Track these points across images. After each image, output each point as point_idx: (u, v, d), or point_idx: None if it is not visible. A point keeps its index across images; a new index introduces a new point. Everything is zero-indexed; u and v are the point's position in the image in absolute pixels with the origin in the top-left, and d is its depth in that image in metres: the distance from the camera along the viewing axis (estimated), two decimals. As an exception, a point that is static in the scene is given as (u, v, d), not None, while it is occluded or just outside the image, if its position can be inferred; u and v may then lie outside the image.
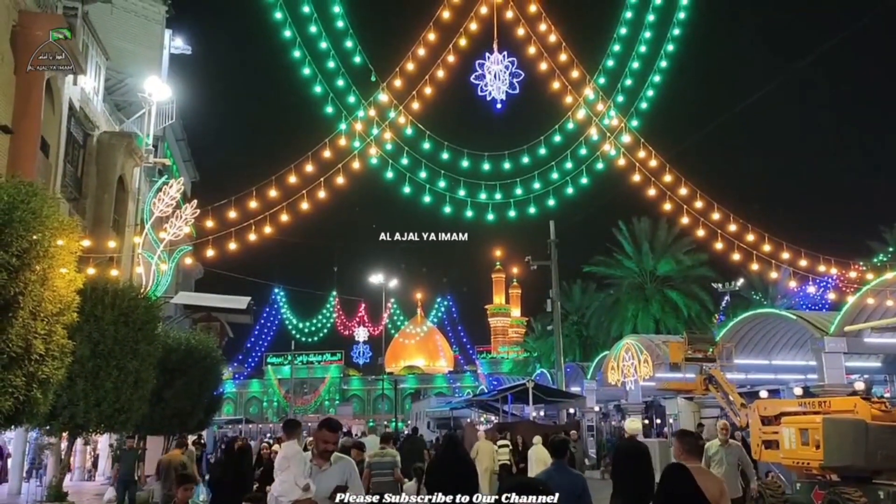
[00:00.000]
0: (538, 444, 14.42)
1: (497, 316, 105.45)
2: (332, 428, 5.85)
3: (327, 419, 6.04)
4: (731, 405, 18.18)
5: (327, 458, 5.75)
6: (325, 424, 5.88)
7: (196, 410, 21.27)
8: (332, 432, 5.82)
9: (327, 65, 16.04)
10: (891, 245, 41.95)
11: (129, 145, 21.91)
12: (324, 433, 5.80)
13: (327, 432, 5.79)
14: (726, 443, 10.67)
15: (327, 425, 5.86)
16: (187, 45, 29.60)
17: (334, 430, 5.87)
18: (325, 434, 5.79)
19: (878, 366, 26.87)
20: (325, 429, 5.83)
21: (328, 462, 5.74)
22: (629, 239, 45.89)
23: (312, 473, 5.69)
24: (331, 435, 5.80)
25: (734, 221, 17.98)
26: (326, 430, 5.80)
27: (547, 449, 8.27)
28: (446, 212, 17.46)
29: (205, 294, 25.18)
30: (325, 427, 5.84)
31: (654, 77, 18.20)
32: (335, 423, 5.98)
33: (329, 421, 5.97)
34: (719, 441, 10.71)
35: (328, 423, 5.90)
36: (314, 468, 5.71)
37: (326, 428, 5.83)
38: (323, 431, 5.82)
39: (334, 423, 5.95)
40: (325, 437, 5.79)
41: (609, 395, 34.74)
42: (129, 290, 14.97)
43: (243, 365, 79.17)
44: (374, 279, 51.99)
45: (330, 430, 5.83)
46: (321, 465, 5.73)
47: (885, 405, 13.95)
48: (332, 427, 5.87)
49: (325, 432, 5.80)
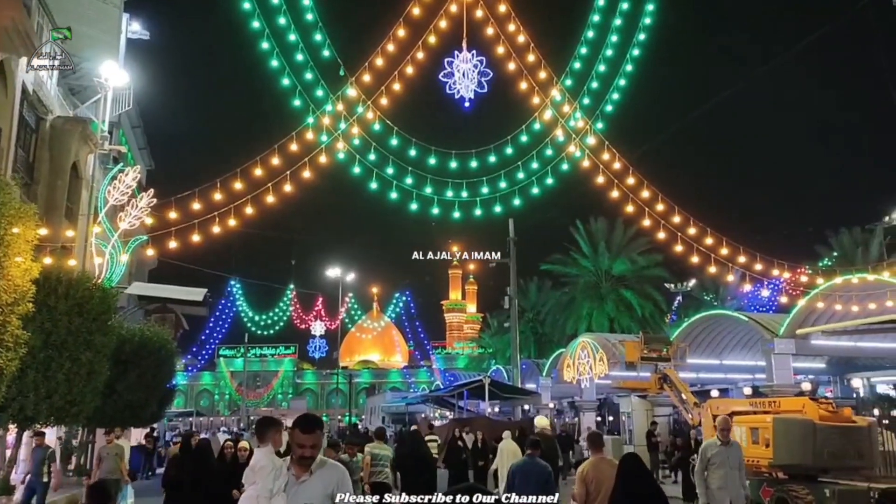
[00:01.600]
0: (508, 438, 15.13)
1: (453, 312, 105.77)
2: (305, 427, 4.50)
3: (301, 416, 4.65)
4: (685, 404, 18.60)
5: (305, 466, 4.50)
6: (296, 423, 4.59)
7: (149, 403, 20.96)
8: (306, 433, 4.48)
9: (296, 57, 15.89)
10: (836, 250, 43.25)
11: (83, 131, 21.36)
12: (295, 435, 4.54)
13: (299, 434, 4.50)
14: (727, 443, 9.06)
15: (299, 424, 4.54)
16: (145, 31, 28.95)
17: (309, 429, 4.50)
18: (297, 436, 4.51)
19: (822, 367, 27.77)
20: (296, 429, 4.55)
21: (307, 471, 4.51)
22: (586, 238, 46.45)
23: (288, 487, 4.57)
24: (305, 437, 4.47)
25: (693, 225, 18.39)
26: (298, 431, 4.51)
27: (526, 445, 9.17)
28: (413, 208, 17.49)
29: (160, 285, 24.71)
30: (297, 427, 4.54)
31: (620, 80, 18.49)
32: (310, 420, 4.59)
33: (303, 419, 4.61)
34: (718, 440, 9.10)
35: (300, 422, 4.57)
36: (292, 479, 4.56)
37: (298, 428, 4.52)
38: (295, 433, 4.56)
39: (309, 421, 4.56)
40: (297, 439, 4.52)
41: (564, 392, 35.19)
42: (83, 280, 14.65)
43: (197, 357, 77.99)
44: (332, 273, 51.61)
45: (303, 430, 4.50)
46: (298, 475, 4.52)
47: (832, 406, 14.44)
48: (305, 426, 4.51)
49: (297, 434, 4.52)
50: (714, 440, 9.22)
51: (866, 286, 18.48)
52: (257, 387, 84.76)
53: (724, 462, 8.85)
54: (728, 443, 9.07)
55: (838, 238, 43.74)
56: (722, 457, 8.88)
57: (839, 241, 43.54)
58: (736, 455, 9.08)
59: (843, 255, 41.59)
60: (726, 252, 18.56)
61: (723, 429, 9.15)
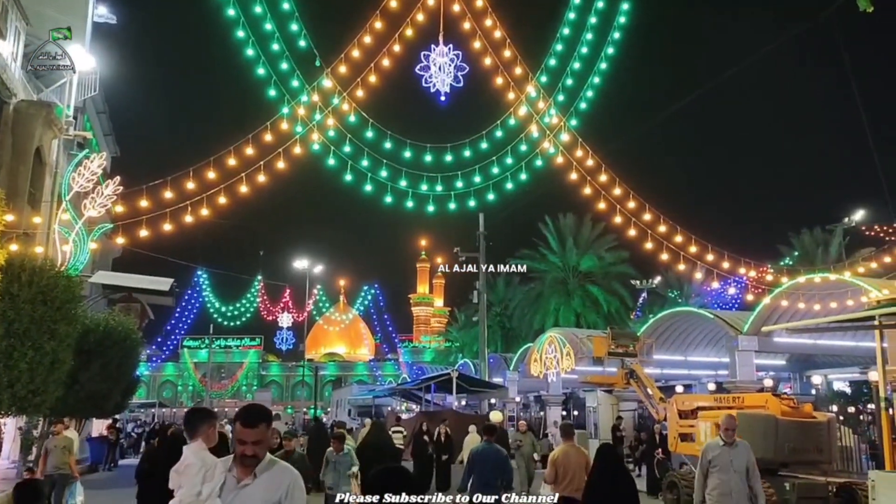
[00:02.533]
0: (473, 431, 15.44)
1: (420, 305, 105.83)
2: (247, 420, 3.74)
3: (244, 408, 3.91)
4: (651, 399, 18.86)
5: (248, 467, 3.74)
6: (238, 416, 3.83)
7: (113, 393, 20.65)
8: (248, 427, 3.72)
9: (271, 47, 15.72)
10: (797, 249, 44.16)
11: (48, 115, 20.87)
12: (237, 429, 3.79)
13: (240, 428, 3.75)
14: (731, 443, 7.82)
15: (241, 417, 3.79)
16: (112, 15, 28.36)
17: (252, 423, 3.73)
18: (239, 431, 3.76)
19: (783, 364, 28.37)
20: (237, 422, 3.79)
21: (251, 474, 3.74)
22: (554, 234, 46.77)
23: (225, 491, 3.79)
24: (247, 432, 3.72)
25: (663, 223, 18.64)
26: (239, 425, 3.76)
27: (482, 431, 10.41)
28: (387, 201, 17.45)
29: (126, 274, 24.28)
30: (239, 420, 3.78)
31: (594, 78, 18.64)
32: (254, 412, 3.83)
33: (245, 411, 3.85)
34: (721, 440, 7.88)
35: (242, 414, 3.82)
36: (231, 482, 3.78)
37: (239, 421, 3.77)
38: (236, 427, 3.82)
39: (252, 414, 3.80)
40: (238, 434, 3.77)
41: (530, 386, 35.44)
42: (47, 268, 14.37)
43: (161, 348, 76.94)
44: (299, 265, 51.19)
45: (245, 423, 3.74)
46: (240, 477, 3.75)
47: (794, 402, 14.79)
48: (247, 419, 3.75)
49: (238, 428, 3.77)
50: (716, 440, 8.01)
51: (828, 285, 18.92)
52: (221, 378, 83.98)
53: (727, 465, 7.70)
54: (732, 443, 7.80)
55: (799, 238, 44.68)
56: (724, 459, 7.73)
57: (800, 240, 44.47)
58: (742, 457, 7.77)
59: (803, 255, 42.51)
60: (695, 250, 18.86)
61: (727, 428, 7.90)
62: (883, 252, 23.73)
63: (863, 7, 13.23)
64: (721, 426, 8.04)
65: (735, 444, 7.82)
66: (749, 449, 7.92)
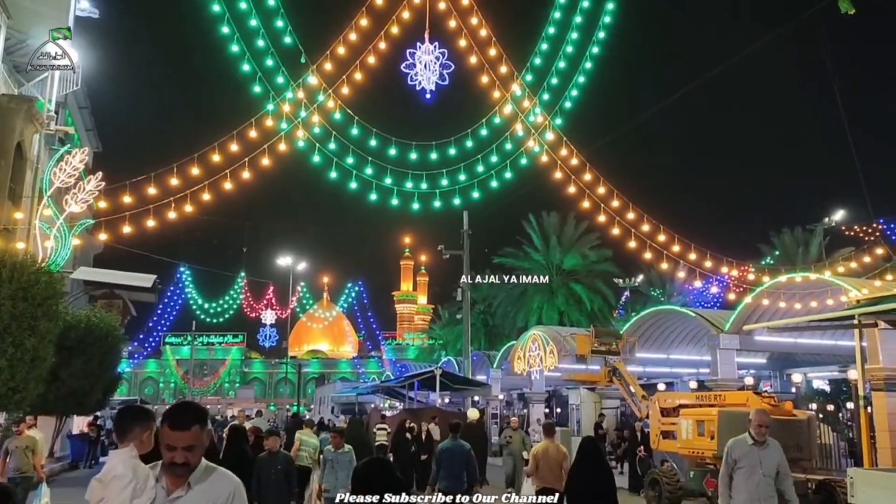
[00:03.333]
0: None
1: (404, 303, 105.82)
2: (177, 422, 3.18)
3: (174, 407, 3.37)
4: (633, 397, 18.99)
5: (179, 477, 3.20)
6: (166, 416, 3.24)
7: (94, 390, 20.54)
8: (177, 430, 3.15)
9: (256, 43, 15.64)
10: (778, 249, 44.61)
11: (28, 109, 20.65)
12: (164, 433, 3.19)
13: (168, 431, 3.16)
14: (762, 443, 6.87)
15: (169, 417, 3.21)
16: (94, 9, 28.06)
17: (183, 424, 3.16)
18: (168, 435, 3.17)
19: (763, 362, 28.65)
20: (166, 425, 3.19)
21: (183, 484, 3.21)
22: (538, 233, 46.94)
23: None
24: (179, 436, 3.15)
25: (647, 222, 18.77)
26: (167, 428, 3.17)
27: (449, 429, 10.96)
28: (372, 199, 17.43)
29: (107, 270, 24.12)
30: (167, 421, 3.19)
31: (579, 77, 18.72)
32: (186, 411, 3.28)
33: (176, 410, 3.29)
34: (750, 438, 6.93)
35: (170, 414, 3.24)
36: (161, 495, 3.26)
37: (168, 423, 3.18)
38: (163, 430, 3.20)
39: (183, 413, 3.25)
40: (166, 438, 3.17)
41: (514, 383, 35.52)
42: (28, 264, 14.23)
43: (143, 345, 76.34)
44: (283, 262, 50.99)
45: (174, 425, 3.17)
46: (170, 489, 3.23)
47: (774, 399, 14.94)
48: (177, 420, 3.19)
49: (166, 431, 3.17)
50: (744, 437, 7.01)
51: (809, 285, 19.13)
52: (204, 375, 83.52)
53: (755, 467, 6.78)
54: (763, 443, 6.87)
55: (780, 237, 45.14)
56: (752, 460, 6.81)
57: (781, 240, 44.93)
58: (772, 458, 6.87)
59: (784, 254, 42.95)
60: (677, 249, 19.01)
61: (759, 424, 6.91)
62: (862, 252, 24.05)
63: (844, 9, 13.38)
64: (752, 422, 7.02)
65: (766, 444, 6.89)
66: (780, 449, 7.03)
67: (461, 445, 10.02)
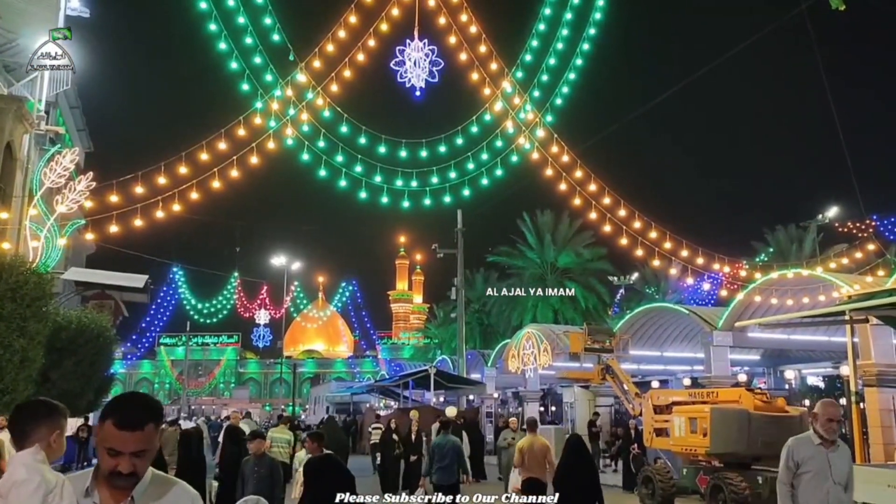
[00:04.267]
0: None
1: (399, 302, 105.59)
2: (125, 420, 2.47)
3: (119, 399, 2.61)
4: (626, 394, 18.94)
5: (122, 491, 2.51)
6: (109, 411, 2.52)
7: (85, 392, 20.38)
8: (129, 430, 2.46)
9: (244, 41, 15.55)
10: (772, 246, 44.69)
11: (18, 110, 20.50)
12: (106, 432, 2.47)
13: (113, 429, 2.45)
14: (832, 443, 5.55)
15: (113, 413, 2.49)
16: (85, 8, 27.91)
17: (133, 424, 2.46)
18: (114, 435, 2.46)
19: (757, 359, 28.66)
20: (107, 421, 2.48)
21: (125, 498, 2.51)
22: (532, 231, 46.92)
23: None
24: (128, 437, 2.45)
25: (638, 219, 18.73)
26: (111, 426, 2.46)
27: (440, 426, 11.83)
28: (362, 197, 17.37)
29: (99, 270, 23.98)
30: (110, 418, 2.48)
31: (570, 74, 18.65)
32: (136, 406, 2.54)
33: (121, 404, 2.57)
34: (818, 438, 5.56)
35: (119, 410, 2.51)
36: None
37: (112, 419, 2.47)
38: (105, 428, 2.48)
39: (133, 409, 2.52)
40: (109, 440, 2.46)
41: (508, 382, 35.49)
42: (17, 265, 14.14)
43: (137, 346, 76.10)
44: (277, 261, 50.88)
45: (121, 424, 2.46)
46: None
47: (767, 396, 14.94)
48: (125, 417, 2.48)
49: (109, 429, 2.46)
50: (807, 436, 5.66)
51: (800, 281, 19.14)
52: (199, 376, 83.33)
53: (825, 472, 5.45)
54: (833, 443, 5.54)
55: (774, 235, 45.22)
56: (821, 463, 5.46)
57: (775, 237, 45.02)
58: (844, 463, 5.57)
59: (778, 251, 43.04)
60: (669, 246, 19.00)
61: (829, 418, 5.52)
62: (854, 248, 24.09)
63: (835, 5, 13.37)
64: (819, 416, 5.56)
65: (837, 445, 5.57)
66: (849, 452, 5.79)
67: (452, 441, 10.96)
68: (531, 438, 10.48)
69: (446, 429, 11.37)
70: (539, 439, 10.50)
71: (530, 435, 10.64)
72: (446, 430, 11.28)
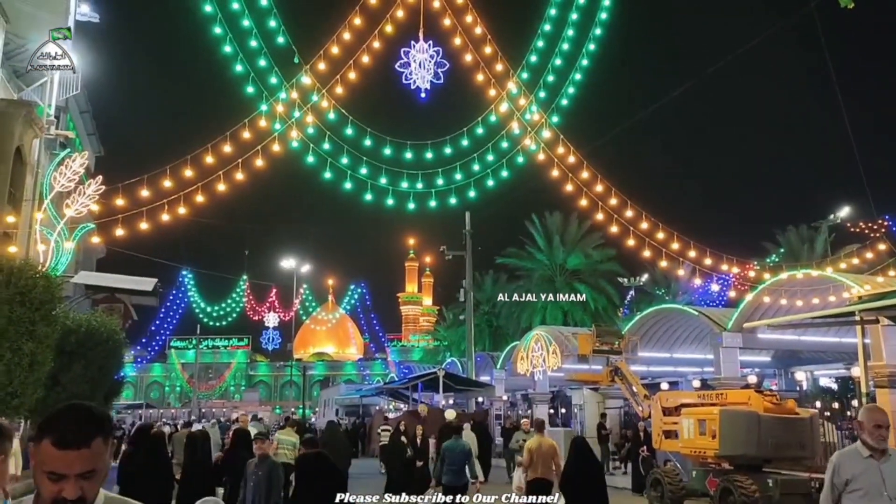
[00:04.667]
0: (467, 428, 16.79)
1: (409, 304, 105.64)
2: (65, 438, 2.08)
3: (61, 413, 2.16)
4: (635, 396, 18.85)
5: None
6: (47, 428, 2.12)
7: (95, 395, 20.43)
8: (74, 449, 2.07)
9: (249, 43, 15.59)
10: (783, 246, 44.37)
11: (28, 114, 20.63)
12: (47, 454, 2.08)
13: (51, 449, 2.07)
14: (883, 453, 4.86)
15: (58, 430, 2.09)
16: (94, 13, 28.08)
17: (79, 440, 2.08)
18: (52, 456, 2.08)
19: (768, 360, 28.46)
20: (45, 440, 2.09)
21: None
22: (541, 232, 46.80)
23: None
24: (70, 457, 2.07)
25: (646, 219, 18.64)
26: (49, 445, 2.08)
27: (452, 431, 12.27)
28: (367, 199, 17.35)
29: (108, 274, 24.09)
30: (53, 436, 2.08)
31: (576, 75, 18.56)
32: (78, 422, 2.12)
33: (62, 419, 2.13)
34: (866, 449, 4.90)
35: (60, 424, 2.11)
36: None
37: (50, 438, 2.08)
38: (43, 448, 2.10)
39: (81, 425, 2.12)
40: (51, 464, 2.08)
41: (517, 384, 35.41)
42: (27, 268, 14.20)
43: (147, 349, 76.48)
44: (286, 264, 51.01)
45: (61, 443, 2.07)
46: None
47: (776, 398, 14.82)
48: (65, 435, 2.08)
49: (52, 451, 2.07)
50: (855, 448, 5.03)
51: (810, 281, 18.99)
52: (209, 379, 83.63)
53: (877, 487, 4.79)
54: (884, 452, 4.86)
55: (785, 235, 44.90)
56: (872, 477, 4.82)
57: (786, 238, 44.69)
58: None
59: (789, 252, 42.72)
60: (677, 247, 18.88)
61: (876, 424, 4.86)
62: (866, 248, 23.88)
63: (844, 3, 13.26)
64: (865, 423, 4.91)
65: (888, 455, 4.86)
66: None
67: (462, 444, 11.38)
68: (539, 439, 10.94)
69: (458, 433, 11.92)
70: (547, 440, 10.96)
71: (538, 435, 11.13)
72: (458, 435, 11.76)
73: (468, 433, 16.18)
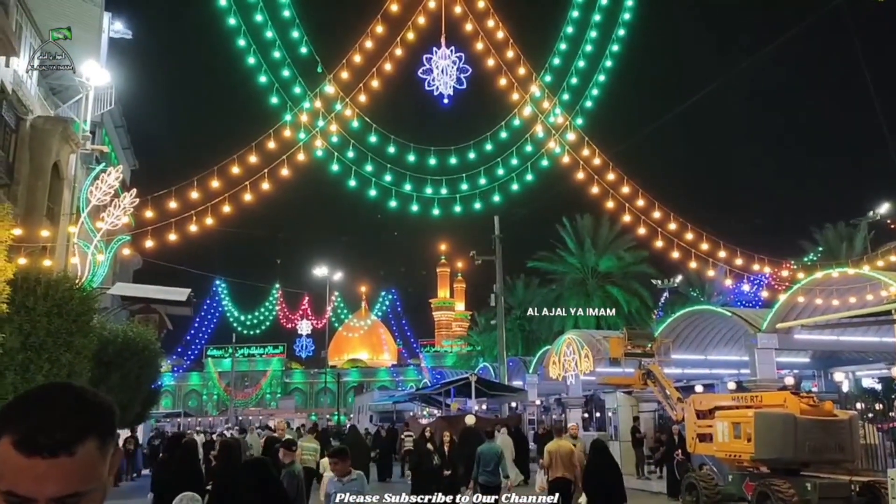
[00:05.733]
0: (504, 433, 17.85)
1: (441, 310, 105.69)
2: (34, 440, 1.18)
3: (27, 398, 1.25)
4: (668, 399, 18.63)
5: None
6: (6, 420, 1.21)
7: (133, 404, 20.83)
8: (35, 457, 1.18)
9: (273, 55, 15.79)
10: (821, 245, 43.48)
11: (64, 130, 21.15)
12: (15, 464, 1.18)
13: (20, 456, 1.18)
14: None
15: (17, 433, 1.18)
16: (127, 30, 28.70)
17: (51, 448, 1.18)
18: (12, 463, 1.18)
19: (806, 361, 27.89)
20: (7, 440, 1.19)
21: None
22: (572, 235, 46.49)
23: None
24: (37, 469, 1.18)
25: (674, 220, 18.41)
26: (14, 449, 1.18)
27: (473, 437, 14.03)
28: (392, 206, 17.44)
29: (143, 285, 24.57)
30: (12, 439, 1.19)
31: (599, 76, 18.43)
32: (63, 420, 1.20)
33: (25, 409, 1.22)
34: None
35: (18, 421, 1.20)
36: None
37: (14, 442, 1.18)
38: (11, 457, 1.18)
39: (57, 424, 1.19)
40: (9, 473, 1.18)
41: (550, 388, 35.23)
42: (63, 281, 14.54)
43: (183, 358, 77.67)
44: (318, 272, 51.45)
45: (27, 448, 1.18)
46: None
47: (814, 399, 14.49)
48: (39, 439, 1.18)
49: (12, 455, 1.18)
50: None
51: (847, 280, 18.57)
52: (246, 387, 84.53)
53: None
54: None
55: (823, 233, 44.00)
56: None
57: (824, 236, 43.79)
58: None
59: (827, 251, 41.83)
60: (707, 247, 18.61)
61: None
62: (905, 245, 23.31)
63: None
64: None
65: None
66: None
67: (494, 447, 12.45)
68: (557, 442, 11.86)
69: (491, 437, 13.25)
70: (565, 443, 11.93)
71: (557, 438, 12.17)
72: (492, 440, 12.99)
73: (504, 438, 16.88)
